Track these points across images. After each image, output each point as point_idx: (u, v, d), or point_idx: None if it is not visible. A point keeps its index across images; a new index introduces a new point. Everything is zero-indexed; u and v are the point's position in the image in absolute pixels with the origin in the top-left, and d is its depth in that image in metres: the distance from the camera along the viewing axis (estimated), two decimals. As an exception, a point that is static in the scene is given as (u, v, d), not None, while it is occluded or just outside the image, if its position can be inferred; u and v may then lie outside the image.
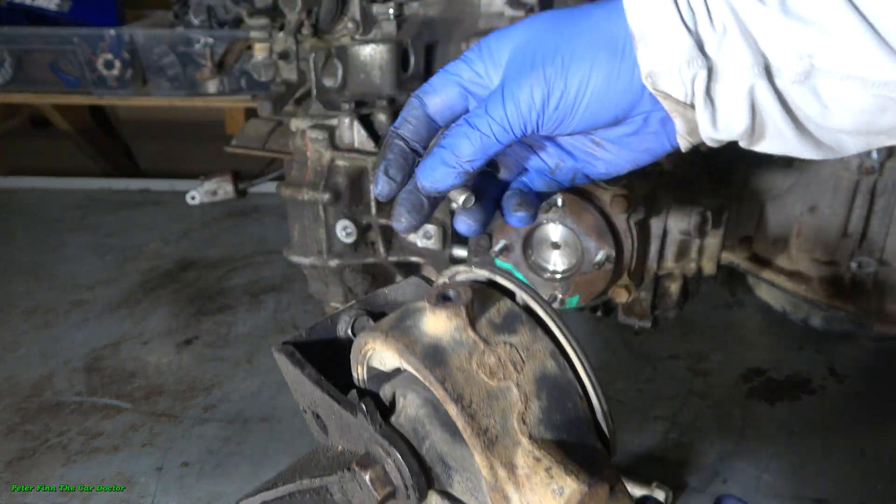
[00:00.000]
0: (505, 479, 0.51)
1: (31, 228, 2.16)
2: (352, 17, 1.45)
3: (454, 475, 0.56)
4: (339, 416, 0.60)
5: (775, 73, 0.58)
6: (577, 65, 0.61)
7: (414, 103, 0.66)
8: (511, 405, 0.52)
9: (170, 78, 2.58)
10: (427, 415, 0.56)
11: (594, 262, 1.15)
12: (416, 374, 0.55)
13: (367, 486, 0.56)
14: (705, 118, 0.62)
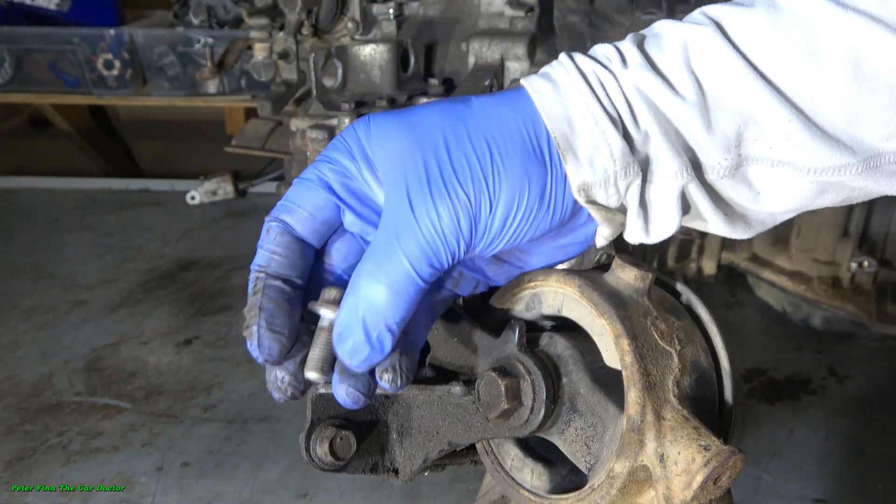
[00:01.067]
0: (651, 423, 0.53)
1: (31, 228, 2.16)
2: (352, 17, 1.45)
3: (575, 420, 0.58)
4: (476, 341, 0.62)
5: (705, 170, 0.54)
6: (505, 181, 0.52)
7: (274, 228, 0.53)
8: (670, 368, 0.55)
9: (170, 78, 2.58)
10: (572, 356, 0.58)
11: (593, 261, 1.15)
12: (591, 308, 0.57)
13: (500, 392, 0.56)
14: (637, 225, 0.57)
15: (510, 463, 0.64)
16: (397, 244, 0.51)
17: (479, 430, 0.61)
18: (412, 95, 1.40)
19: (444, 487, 1.20)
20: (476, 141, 0.52)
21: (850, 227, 1.40)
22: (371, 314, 0.51)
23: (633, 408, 0.53)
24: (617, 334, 0.55)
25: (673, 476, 0.52)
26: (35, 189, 2.43)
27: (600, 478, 0.56)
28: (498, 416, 0.58)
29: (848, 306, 1.43)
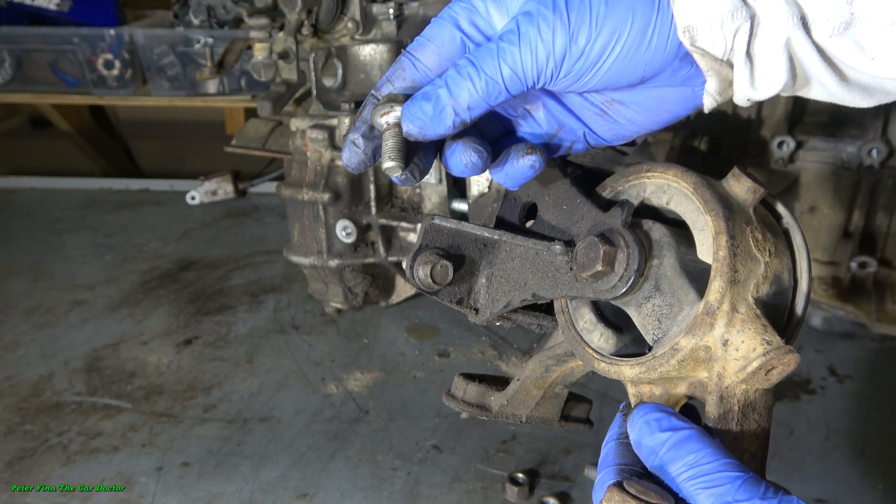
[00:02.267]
0: (725, 312, 0.59)
1: (31, 228, 2.16)
2: (352, 17, 1.45)
3: (655, 297, 0.64)
4: (585, 212, 0.69)
5: (812, 26, 0.54)
6: (609, 12, 0.54)
7: (403, 63, 0.59)
8: (755, 273, 0.61)
9: (170, 78, 2.58)
10: (668, 243, 0.64)
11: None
12: (701, 204, 0.63)
13: (599, 255, 0.62)
14: (744, 76, 0.57)
15: (582, 324, 0.71)
16: (491, 48, 0.55)
17: (566, 287, 0.67)
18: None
19: (444, 487, 1.20)
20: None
21: (851, 227, 1.40)
22: (445, 92, 0.55)
23: (714, 295, 0.60)
24: (718, 230, 0.61)
25: (731, 359, 0.59)
26: (35, 189, 2.43)
27: (664, 349, 0.62)
28: (590, 276, 0.63)
29: (848, 306, 1.43)
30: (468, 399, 0.80)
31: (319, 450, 1.28)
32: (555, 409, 0.81)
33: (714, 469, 0.53)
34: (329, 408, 1.39)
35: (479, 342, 1.54)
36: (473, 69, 0.55)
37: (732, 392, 0.60)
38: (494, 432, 1.31)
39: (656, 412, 0.59)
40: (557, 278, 0.68)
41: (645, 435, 0.58)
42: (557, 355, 0.74)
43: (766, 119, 1.36)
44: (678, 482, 0.55)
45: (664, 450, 0.56)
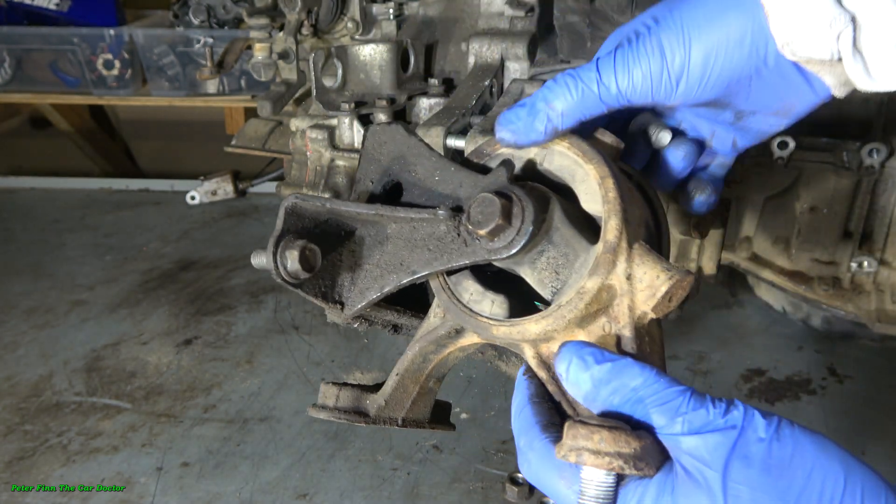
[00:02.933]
0: (624, 248, 0.63)
1: (31, 228, 2.16)
2: (352, 17, 1.45)
3: (549, 250, 0.66)
4: (454, 179, 0.70)
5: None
6: (701, 34, 0.60)
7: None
8: (636, 215, 0.66)
9: (170, 78, 2.58)
10: (551, 197, 0.66)
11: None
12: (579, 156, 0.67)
13: (496, 209, 0.62)
14: (857, 70, 0.60)
15: (468, 297, 0.70)
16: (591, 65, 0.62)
17: (455, 255, 0.67)
18: (412, 95, 1.40)
19: (444, 487, 1.20)
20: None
21: (851, 227, 1.40)
22: (541, 99, 0.63)
23: (612, 233, 0.63)
24: (603, 175, 0.65)
25: (637, 291, 0.63)
26: (35, 189, 2.43)
27: (569, 296, 0.63)
28: (487, 233, 0.63)
29: (848, 306, 1.43)
30: (342, 406, 0.76)
31: (319, 450, 1.28)
32: (426, 407, 0.80)
33: (661, 388, 0.55)
34: (329, 408, 1.39)
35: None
36: (571, 79, 0.62)
37: (643, 323, 0.63)
38: (494, 432, 1.31)
39: (587, 347, 0.60)
40: (442, 248, 0.67)
41: (580, 371, 0.59)
42: (438, 338, 0.73)
43: (766, 119, 1.36)
44: (627, 407, 0.56)
45: (608, 379, 0.57)
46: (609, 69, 0.62)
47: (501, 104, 1.31)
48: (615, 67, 0.62)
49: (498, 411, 1.36)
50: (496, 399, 1.39)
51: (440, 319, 0.73)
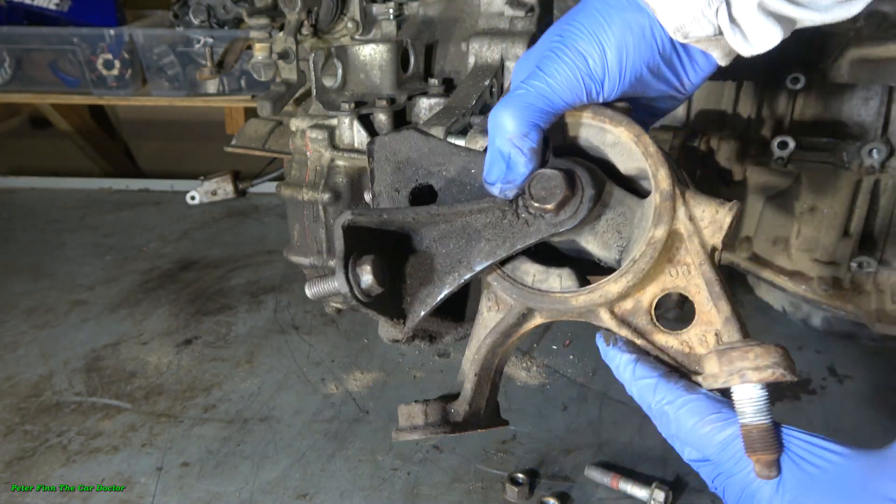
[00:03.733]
0: (678, 193, 0.67)
1: (31, 228, 2.16)
2: (352, 17, 1.45)
3: (606, 213, 0.69)
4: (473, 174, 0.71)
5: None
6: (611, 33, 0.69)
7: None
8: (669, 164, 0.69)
9: (170, 78, 2.58)
10: (592, 166, 0.68)
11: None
12: (606, 122, 0.69)
13: (560, 182, 0.65)
14: (737, 40, 0.69)
15: (532, 279, 0.72)
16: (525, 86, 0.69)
17: (519, 237, 0.68)
18: (412, 95, 1.40)
19: (444, 487, 1.20)
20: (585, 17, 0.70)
21: (851, 227, 1.40)
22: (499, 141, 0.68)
23: (665, 182, 0.66)
24: (637, 133, 0.68)
25: (703, 229, 0.67)
26: (35, 189, 2.43)
27: (640, 249, 0.66)
28: (555, 206, 0.65)
29: (848, 306, 1.43)
30: (433, 420, 0.77)
31: (319, 450, 1.28)
32: (495, 403, 0.81)
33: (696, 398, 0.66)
34: (329, 408, 1.39)
35: (479, 342, 1.55)
36: (513, 102, 0.67)
37: (715, 258, 0.68)
38: (494, 432, 1.31)
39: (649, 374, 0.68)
40: (503, 235, 0.69)
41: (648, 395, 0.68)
42: (507, 328, 0.74)
43: (766, 119, 1.36)
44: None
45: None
46: (543, 78, 0.69)
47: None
48: (548, 75, 0.69)
49: (498, 411, 1.36)
50: (496, 399, 1.39)
51: (500, 312, 0.74)
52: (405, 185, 0.74)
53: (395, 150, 0.74)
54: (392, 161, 0.74)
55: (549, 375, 1.45)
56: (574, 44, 0.69)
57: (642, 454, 1.24)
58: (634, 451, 1.25)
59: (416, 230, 0.72)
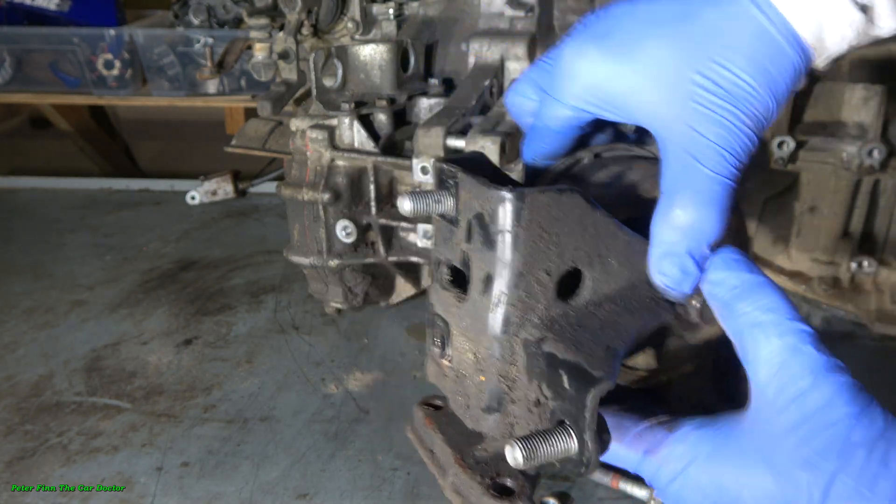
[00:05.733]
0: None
1: (31, 228, 2.16)
2: (352, 17, 1.45)
3: None
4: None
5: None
6: (770, 88, 0.58)
7: None
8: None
9: (170, 78, 2.58)
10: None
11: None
12: None
13: None
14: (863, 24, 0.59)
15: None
16: (697, 163, 0.56)
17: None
18: (412, 95, 1.40)
19: (444, 487, 1.19)
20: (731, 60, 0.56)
21: (851, 227, 1.40)
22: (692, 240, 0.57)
23: None
24: None
25: None
26: (35, 189, 2.43)
27: None
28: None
29: (848, 306, 1.43)
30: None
31: (319, 450, 1.28)
32: None
33: (789, 318, 0.54)
34: (329, 408, 1.39)
35: (479, 342, 1.54)
36: (689, 197, 0.57)
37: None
38: (494, 432, 1.31)
39: (737, 254, 0.58)
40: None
41: (720, 269, 0.57)
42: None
43: (766, 119, 1.36)
44: (743, 321, 0.55)
45: (740, 287, 0.56)
46: (731, 161, 0.58)
47: (502, 104, 1.31)
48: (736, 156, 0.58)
49: (498, 411, 1.36)
50: (496, 399, 1.39)
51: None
52: (557, 268, 0.58)
53: (554, 218, 0.57)
54: (548, 231, 0.57)
55: (549, 375, 1.45)
56: (749, 107, 0.56)
57: (642, 454, 1.24)
58: (634, 451, 1.25)
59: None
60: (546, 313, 0.57)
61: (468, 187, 0.58)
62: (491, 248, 0.56)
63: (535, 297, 0.57)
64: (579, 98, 0.62)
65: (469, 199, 0.58)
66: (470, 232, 0.59)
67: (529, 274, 0.57)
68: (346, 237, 1.35)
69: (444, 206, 0.60)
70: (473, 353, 0.61)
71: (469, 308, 0.60)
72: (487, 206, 0.56)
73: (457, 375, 0.64)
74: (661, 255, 0.58)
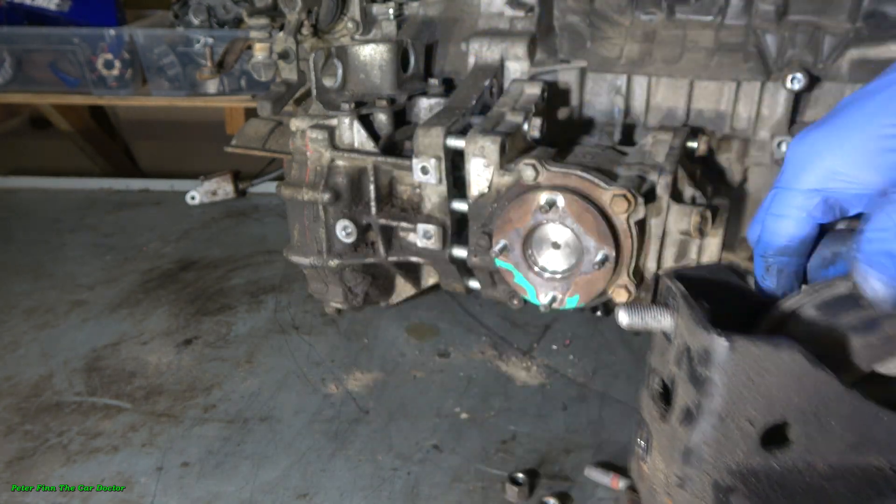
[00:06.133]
0: None
1: (31, 228, 2.16)
2: (352, 17, 1.45)
3: None
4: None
5: None
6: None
7: None
8: None
9: (170, 78, 2.59)
10: None
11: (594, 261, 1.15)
12: None
13: None
14: None
15: None
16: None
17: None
18: (412, 95, 1.40)
19: (444, 487, 1.20)
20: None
21: (850, 227, 1.40)
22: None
23: None
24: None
25: None
26: (35, 189, 2.43)
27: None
28: None
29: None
30: None
31: (319, 450, 1.28)
32: None
33: None
34: (329, 408, 1.39)
35: (480, 342, 1.54)
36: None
37: None
38: (494, 432, 1.31)
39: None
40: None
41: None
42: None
43: (766, 119, 1.36)
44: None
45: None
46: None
47: (502, 104, 1.31)
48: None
49: (498, 411, 1.36)
50: (496, 399, 1.39)
51: None
52: (763, 419, 0.56)
53: (766, 370, 0.54)
54: (756, 382, 0.54)
55: (549, 375, 1.45)
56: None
57: (642, 454, 1.24)
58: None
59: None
60: (745, 461, 0.55)
61: (683, 318, 0.58)
62: (695, 384, 0.55)
63: (734, 442, 0.55)
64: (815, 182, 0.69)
65: (683, 328, 0.58)
66: (680, 359, 0.59)
67: (730, 419, 0.55)
68: (346, 237, 1.35)
69: (662, 323, 0.60)
70: (664, 475, 0.61)
71: (668, 431, 0.59)
72: (697, 343, 0.55)
73: (650, 488, 0.64)
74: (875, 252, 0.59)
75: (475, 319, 1.63)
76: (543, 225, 1.18)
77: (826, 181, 0.68)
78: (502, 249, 1.20)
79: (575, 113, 1.43)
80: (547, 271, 1.21)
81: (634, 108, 1.40)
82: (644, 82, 1.38)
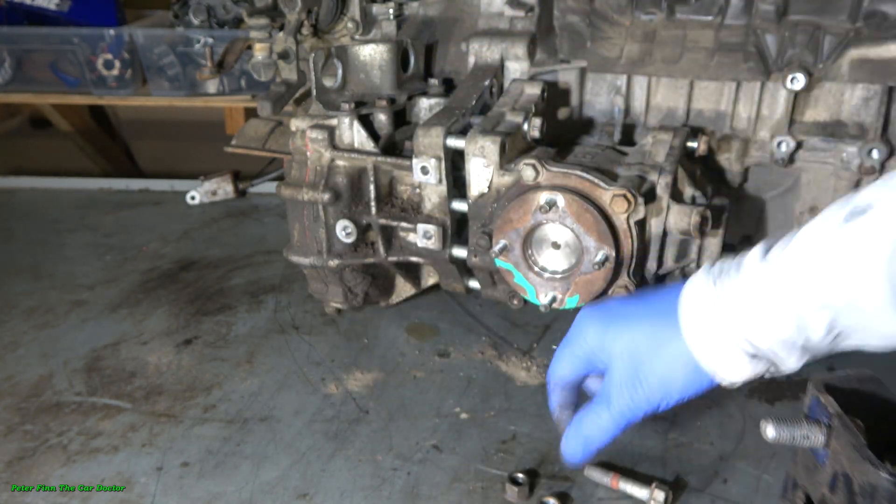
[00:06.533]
0: None
1: (31, 228, 2.16)
2: (352, 17, 1.45)
3: None
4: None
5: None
6: (671, 392, 0.95)
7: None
8: None
9: (170, 78, 2.58)
10: None
11: (594, 261, 1.16)
12: None
13: None
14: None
15: None
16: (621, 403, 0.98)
17: None
18: (412, 95, 1.40)
19: (443, 487, 1.20)
20: (658, 369, 0.95)
21: (850, 227, 1.39)
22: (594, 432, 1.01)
23: None
24: None
25: None
26: (35, 189, 2.43)
27: None
28: None
29: (848, 306, 1.42)
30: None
31: (319, 450, 1.28)
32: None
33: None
34: (329, 408, 1.39)
35: (480, 342, 1.54)
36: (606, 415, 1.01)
37: None
38: (494, 432, 1.31)
39: None
40: None
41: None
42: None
43: (766, 119, 1.36)
44: None
45: None
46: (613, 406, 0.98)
47: (502, 104, 1.31)
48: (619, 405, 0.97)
49: (498, 411, 1.36)
50: (496, 399, 1.39)
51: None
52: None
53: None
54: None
55: (549, 375, 1.45)
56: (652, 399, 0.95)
57: (642, 454, 1.24)
58: (634, 451, 1.25)
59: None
60: None
61: (842, 445, 0.57)
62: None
63: None
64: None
65: (842, 455, 0.57)
66: (835, 484, 0.58)
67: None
68: (346, 237, 1.35)
69: (812, 441, 0.60)
70: None
71: None
72: (862, 477, 0.54)
73: None
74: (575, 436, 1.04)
75: (475, 319, 1.63)
76: (543, 225, 1.18)
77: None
78: (502, 249, 1.20)
79: (575, 113, 1.43)
80: (547, 271, 1.21)
81: (634, 108, 1.40)
82: (644, 82, 1.38)
